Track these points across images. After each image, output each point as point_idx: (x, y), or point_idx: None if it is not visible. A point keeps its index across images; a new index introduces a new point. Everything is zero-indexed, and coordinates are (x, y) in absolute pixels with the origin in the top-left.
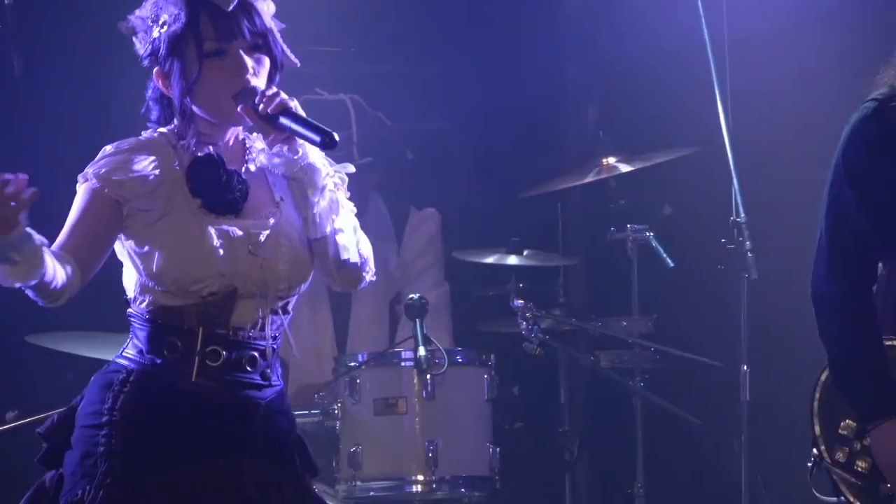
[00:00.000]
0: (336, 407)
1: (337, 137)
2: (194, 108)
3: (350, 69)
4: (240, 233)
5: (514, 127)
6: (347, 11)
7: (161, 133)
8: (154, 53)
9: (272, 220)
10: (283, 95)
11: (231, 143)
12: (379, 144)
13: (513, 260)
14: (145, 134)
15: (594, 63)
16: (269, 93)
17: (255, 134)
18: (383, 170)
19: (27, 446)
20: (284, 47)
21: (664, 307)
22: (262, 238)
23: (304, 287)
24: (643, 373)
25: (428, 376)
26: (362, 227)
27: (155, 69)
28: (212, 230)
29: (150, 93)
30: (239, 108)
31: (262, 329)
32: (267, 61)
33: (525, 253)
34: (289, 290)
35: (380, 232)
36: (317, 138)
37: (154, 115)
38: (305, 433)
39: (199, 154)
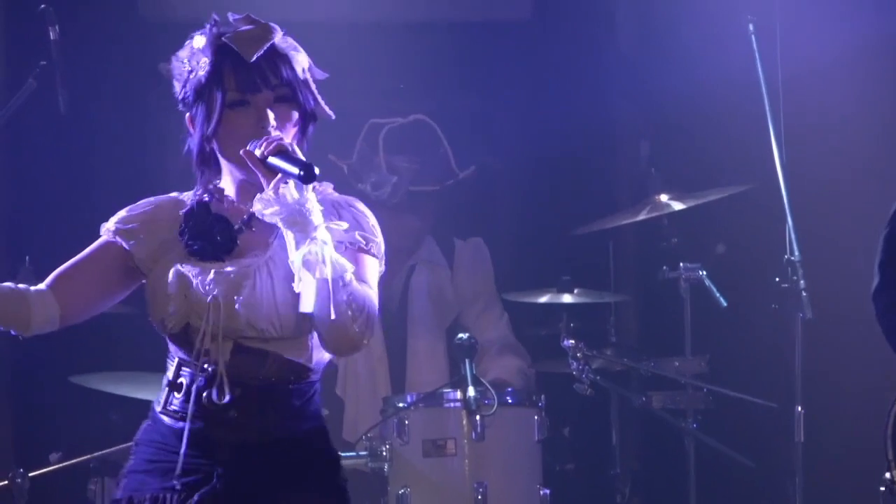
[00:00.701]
0: (384, 448)
1: (317, 170)
2: (221, 158)
3: (397, 106)
4: (196, 273)
5: (564, 163)
6: (396, 47)
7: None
8: (185, 99)
9: (245, 262)
10: (284, 139)
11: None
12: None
13: (564, 299)
14: (173, 194)
15: (646, 98)
16: (271, 138)
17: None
18: (438, 205)
19: (71, 488)
20: (318, 99)
21: (717, 347)
22: (210, 277)
23: (282, 332)
24: (696, 414)
25: (477, 417)
26: (415, 259)
27: (186, 114)
28: (175, 270)
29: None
30: (241, 152)
31: (243, 368)
32: (295, 110)
33: (576, 292)
34: (256, 333)
35: (431, 259)
36: (294, 170)
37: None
38: (354, 474)
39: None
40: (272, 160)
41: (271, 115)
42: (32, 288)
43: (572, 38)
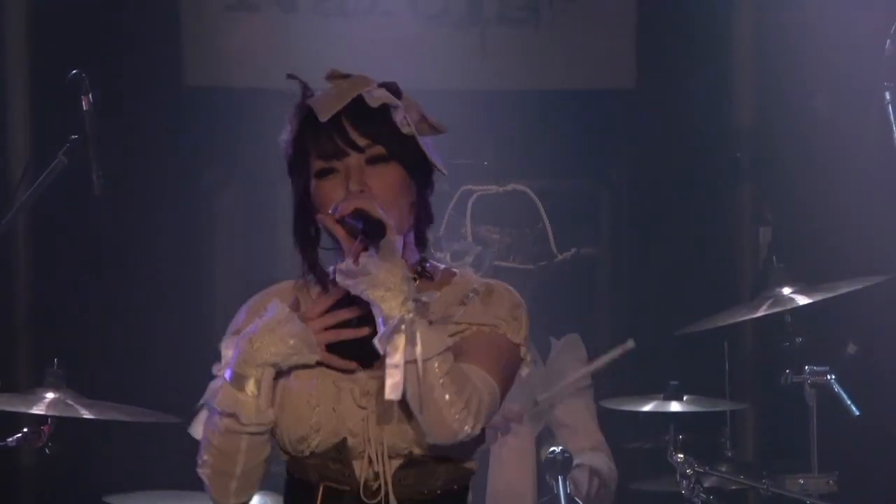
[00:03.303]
0: None
1: (387, 224)
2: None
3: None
4: (346, 382)
5: (672, 251)
6: (490, 115)
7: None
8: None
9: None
10: (366, 199)
11: None
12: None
13: (671, 407)
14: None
15: (766, 176)
16: (350, 196)
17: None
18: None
19: None
20: (427, 153)
21: (848, 463)
22: (365, 388)
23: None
24: None
25: None
26: None
27: None
28: (314, 380)
29: None
30: (317, 217)
31: (410, 486)
32: (396, 171)
33: (685, 399)
34: (422, 449)
35: None
36: (359, 225)
37: None
38: None
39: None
40: (348, 221)
41: (357, 179)
42: None
43: (682, 107)
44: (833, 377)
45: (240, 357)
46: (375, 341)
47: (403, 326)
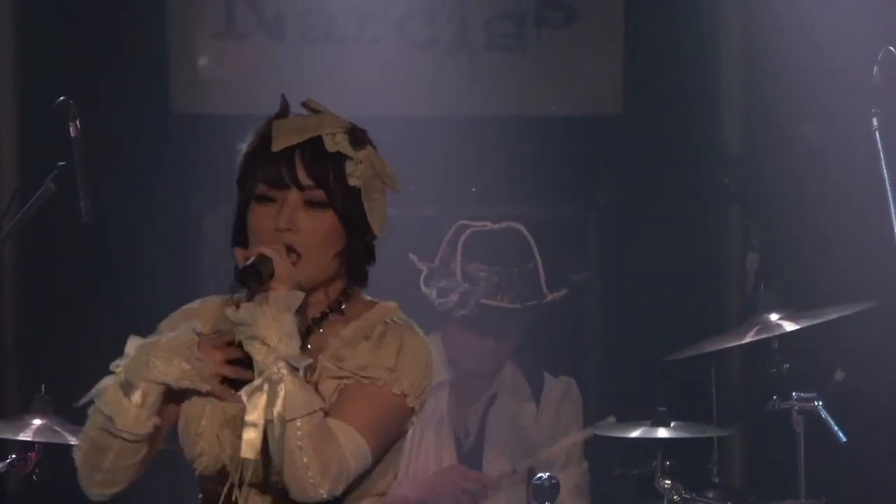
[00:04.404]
0: None
1: (260, 270)
2: None
3: (471, 210)
4: (234, 412)
5: (659, 278)
6: (475, 141)
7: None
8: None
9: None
10: (266, 246)
11: None
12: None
13: (659, 433)
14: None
15: (753, 203)
16: (261, 247)
17: None
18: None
19: None
20: (367, 213)
21: (836, 489)
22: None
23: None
24: None
25: None
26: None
27: None
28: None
29: None
30: (234, 248)
31: None
32: (330, 219)
33: (673, 425)
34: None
35: (516, 390)
36: (239, 267)
37: None
38: None
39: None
40: (245, 266)
41: (287, 216)
42: None
43: (670, 134)
44: (820, 403)
45: (133, 365)
46: (241, 393)
47: (267, 386)
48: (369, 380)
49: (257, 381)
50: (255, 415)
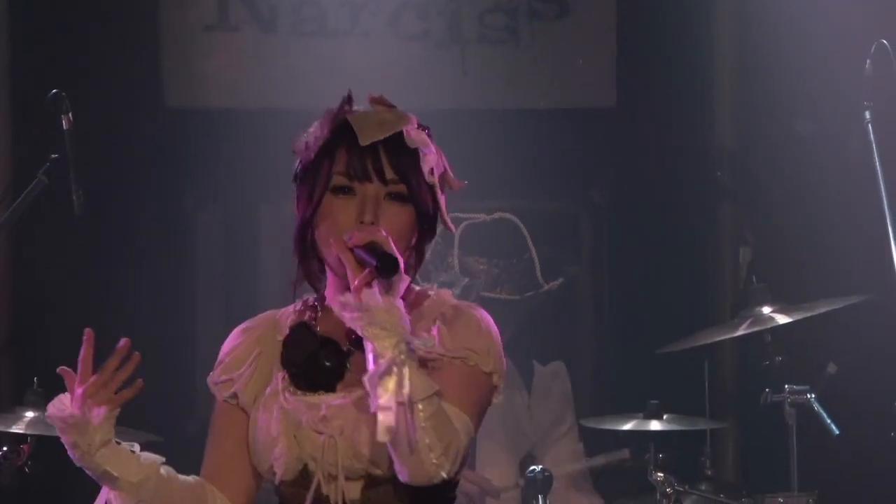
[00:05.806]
0: None
1: (401, 263)
2: (323, 254)
3: (463, 204)
4: (304, 409)
5: (652, 271)
6: (469, 134)
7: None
8: (295, 176)
9: (357, 392)
10: (378, 230)
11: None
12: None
13: (651, 426)
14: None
15: (747, 197)
16: (366, 227)
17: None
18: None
19: None
20: (442, 208)
21: (828, 482)
22: (323, 413)
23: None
24: None
25: None
26: None
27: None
28: (279, 407)
29: None
30: (331, 239)
31: None
32: (409, 213)
33: (665, 418)
34: (382, 471)
35: (507, 381)
36: (372, 261)
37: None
38: None
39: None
40: (360, 253)
41: (372, 209)
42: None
43: (662, 127)
44: (813, 396)
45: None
46: (364, 379)
47: (395, 369)
48: (460, 360)
49: (381, 367)
50: (386, 398)
